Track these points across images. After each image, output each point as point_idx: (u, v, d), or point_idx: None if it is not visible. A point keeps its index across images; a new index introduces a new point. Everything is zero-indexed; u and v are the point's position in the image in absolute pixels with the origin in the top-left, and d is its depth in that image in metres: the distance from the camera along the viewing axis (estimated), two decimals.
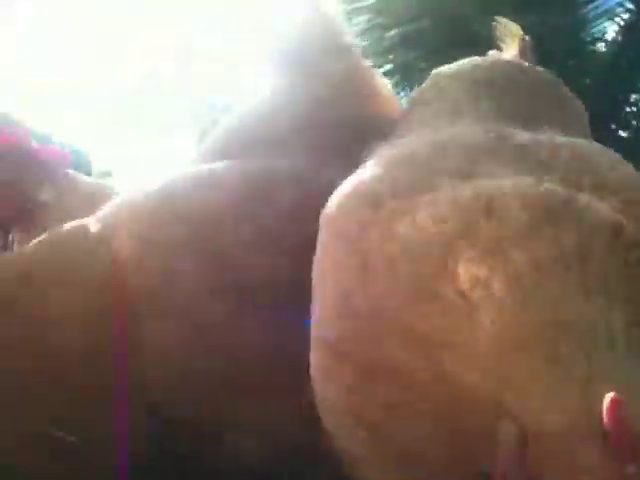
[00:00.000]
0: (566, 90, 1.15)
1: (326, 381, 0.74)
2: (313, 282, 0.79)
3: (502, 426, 0.52)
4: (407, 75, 7.16)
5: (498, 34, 1.37)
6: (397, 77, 7.25)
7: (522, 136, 0.82)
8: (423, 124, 1.00)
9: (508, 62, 1.16)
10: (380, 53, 7.06)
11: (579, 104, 1.13)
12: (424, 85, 1.15)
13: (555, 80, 1.14)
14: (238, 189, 1.00)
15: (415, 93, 1.20)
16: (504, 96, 1.01)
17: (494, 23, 1.39)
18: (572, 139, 0.86)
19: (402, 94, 7.43)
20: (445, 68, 1.13)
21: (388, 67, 7.14)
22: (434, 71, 1.16)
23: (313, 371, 0.75)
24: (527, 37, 1.32)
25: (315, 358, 0.75)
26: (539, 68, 1.17)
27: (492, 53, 1.30)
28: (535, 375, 0.53)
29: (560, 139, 0.83)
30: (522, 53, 1.28)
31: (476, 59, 1.14)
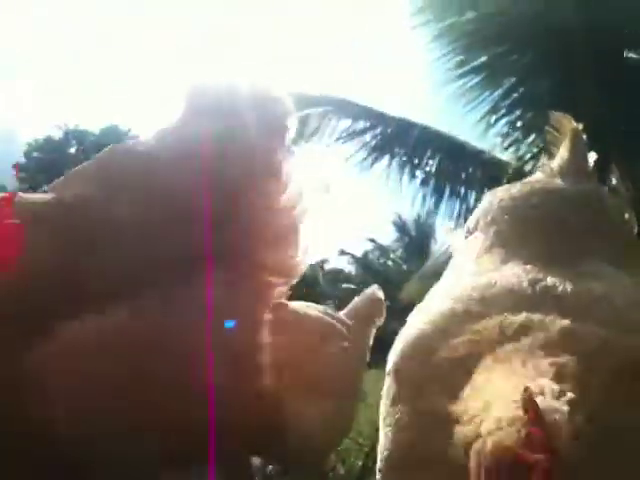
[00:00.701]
0: (612, 206, 1.29)
1: None
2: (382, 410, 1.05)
3: (477, 443, 0.81)
4: (495, 71, 6.99)
5: (551, 127, 1.49)
6: (485, 74, 7.11)
7: (562, 287, 1.01)
8: (480, 254, 1.21)
9: (558, 191, 1.30)
10: (467, 49, 6.98)
11: (623, 226, 1.26)
12: (484, 208, 1.33)
13: (600, 199, 1.28)
14: None
15: (475, 215, 1.35)
16: (553, 233, 1.20)
17: (548, 118, 1.50)
18: (609, 287, 1.03)
19: (488, 93, 7.22)
20: (499, 197, 1.30)
21: (476, 63, 7.05)
22: (492, 195, 1.33)
23: None
24: (579, 128, 1.43)
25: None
26: (586, 189, 1.30)
27: (543, 168, 1.42)
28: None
29: (597, 290, 1.00)
30: (575, 146, 1.41)
31: (527, 188, 1.29)
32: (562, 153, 1.41)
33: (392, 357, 1.11)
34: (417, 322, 1.12)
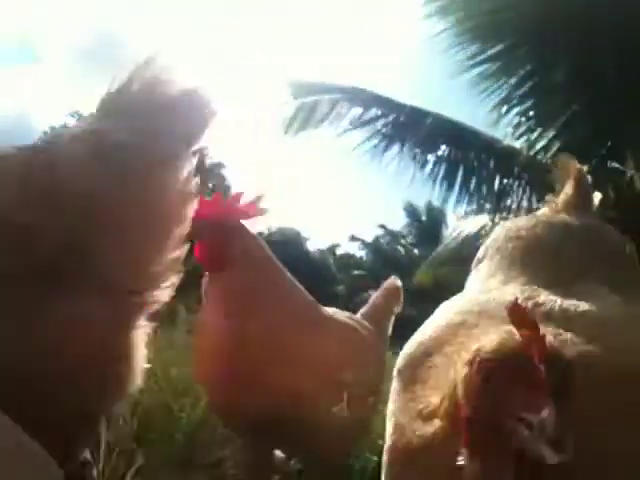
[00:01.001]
0: (612, 237, 1.41)
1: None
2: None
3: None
4: (507, 61, 7.00)
5: (557, 169, 1.60)
6: (497, 64, 7.14)
7: (552, 304, 1.13)
8: (487, 278, 1.34)
9: (561, 224, 1.42)
10: (480, 39, 7.00)
11: (622, 252, 1.38)
12: (493, 238, 1.45)
13: (601, 232, 1.40)
14: None
15: (488, 242, 1.48)
16: (555, 257, 1.32)
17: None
18: (597, 303, 1.14)
19: (501, 83, 7.21)
20: (507, 228, 1.42)
21: (488, 53, 7.07)
22: (501, 227, 1.45)
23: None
24: (584, 172, 1.55)
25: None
26: (588, 222, 1.42)
27: (548, 203, 1.53)
28: None
29: (584, 307, 1.13)
30: (579, 185, 1.53)
31: (533, 221, 1.41)
32: (567, 190, 1.52)
33: (398, 361, 1.24)
34: (421, 331, 1.25)
